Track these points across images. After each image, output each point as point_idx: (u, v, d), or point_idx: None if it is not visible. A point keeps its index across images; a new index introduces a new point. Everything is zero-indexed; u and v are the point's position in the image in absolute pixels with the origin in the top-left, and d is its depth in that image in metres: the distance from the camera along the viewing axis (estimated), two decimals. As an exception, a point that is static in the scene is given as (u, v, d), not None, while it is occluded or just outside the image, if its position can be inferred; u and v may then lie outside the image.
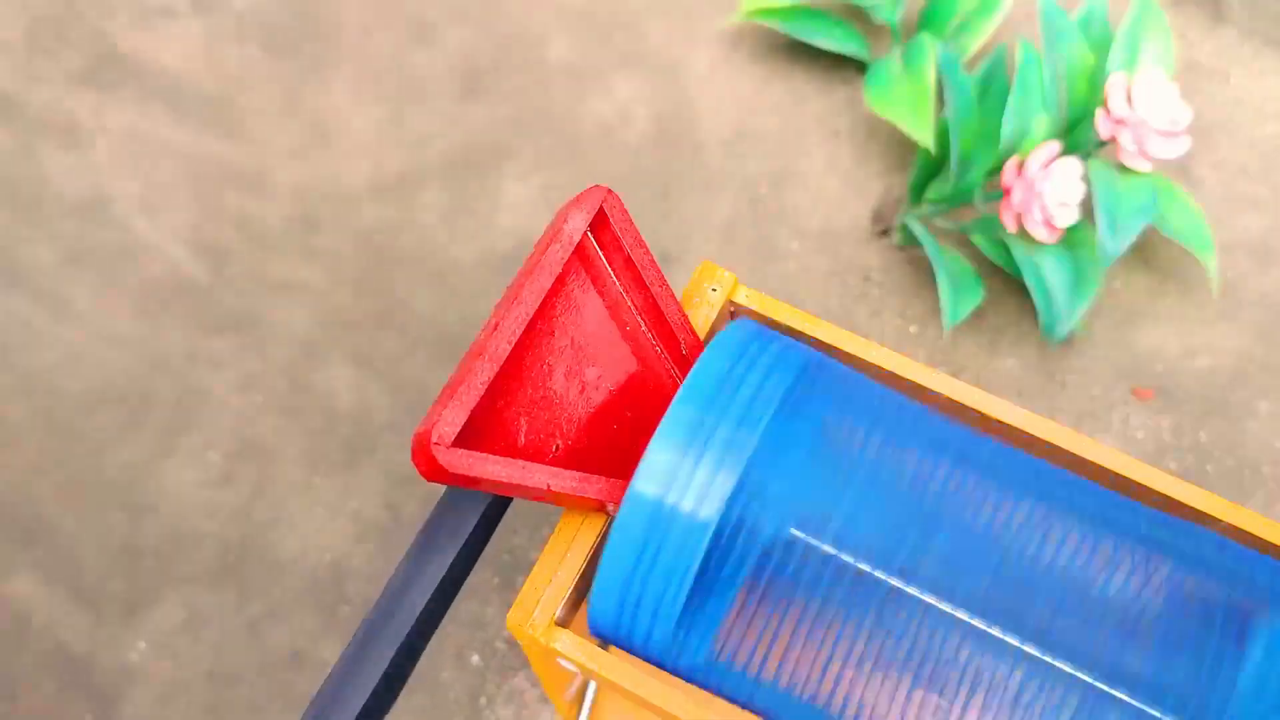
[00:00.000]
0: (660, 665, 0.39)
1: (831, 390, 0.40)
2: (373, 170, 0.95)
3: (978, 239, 0.88)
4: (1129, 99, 0.83)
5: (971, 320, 0.89)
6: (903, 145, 0.96)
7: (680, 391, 0.38)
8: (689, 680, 0.40)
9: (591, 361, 0.43)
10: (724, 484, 0.36)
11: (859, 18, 1.00)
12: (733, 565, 0.37)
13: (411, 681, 0.81)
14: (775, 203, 0.94)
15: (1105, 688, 0.36)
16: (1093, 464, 0.42)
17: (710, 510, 0.36)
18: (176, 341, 0.89)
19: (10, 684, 0.78)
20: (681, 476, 0.36)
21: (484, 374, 0.39)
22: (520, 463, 0.40)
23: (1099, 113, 0.84)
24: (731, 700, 0.39)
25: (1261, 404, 0.86)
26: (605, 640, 0.40)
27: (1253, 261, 0.91)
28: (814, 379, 0.39)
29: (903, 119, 0.87)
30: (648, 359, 0.44)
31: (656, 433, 0.37)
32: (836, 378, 0.40)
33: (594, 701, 0.62)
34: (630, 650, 0.39)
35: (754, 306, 0.46)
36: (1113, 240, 0.81)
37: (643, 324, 0.44)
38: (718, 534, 0.36)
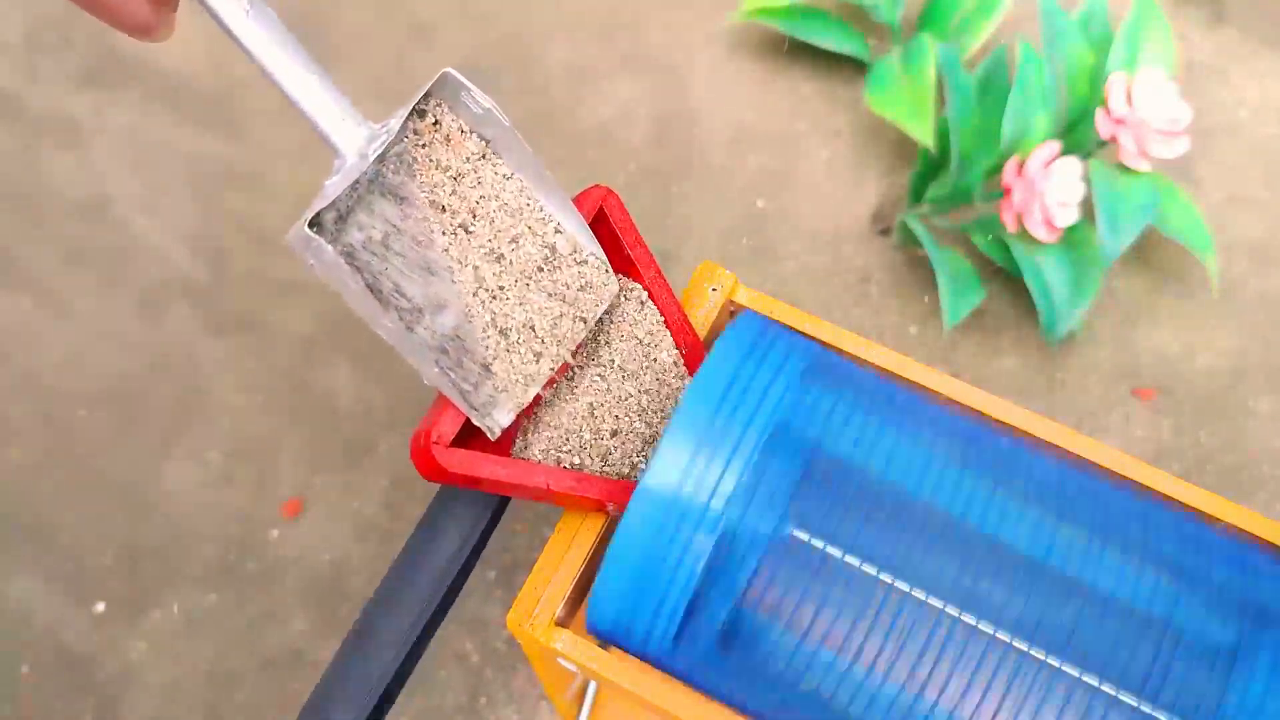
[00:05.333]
0: (660, 666, 0.39)
1: (838, 387, 0.40)
2: (373, 170, 0.95)
3: (978, 239, 0.88)
4: (1129, 99, 0.83)
5: (971, 320, 0.88)
6: (903, 145, 0.96)
7: (689, 389, 0.38)
8: (688, 682, 0.39)
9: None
10: (730, 484, 0.36)
11: (859, 18, 1.00)
12: (736, 565, 0.37)
13: (411, 681, 0.80)
14: (775, 202, 0.94)
15: (1106, 688, 0.36)
16: (1093, 464, 0.42)
17: (716, 511, 0.36)
18: (176, 342, 0.89)
19: (10, 684, 0.78)
20: (689, 476, 0.36)
21: (484, 374, 0.39)
22: (520, 462, 0.40)
23: (1099, 112, 0.84)
24: (731, 703, 0.39)
25: (1261, 404, 0.86)
26: (604, 640, 0.40)
27: (1253, 262, 0.91)
28: (820, 376, 0.39)
29: (903, 119, 0.87)
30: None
31: (666, 431, 0.37)
32: (843, 375, 0.40)
33: (594, 701, 0.62)
34: (629, 650, 0.39)
35: (754, 306, 0.46)
36: (1113, 240, 0.81)
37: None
38: (722, 533, 0.36)
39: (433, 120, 0.39)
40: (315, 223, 0.37)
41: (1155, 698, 0.35)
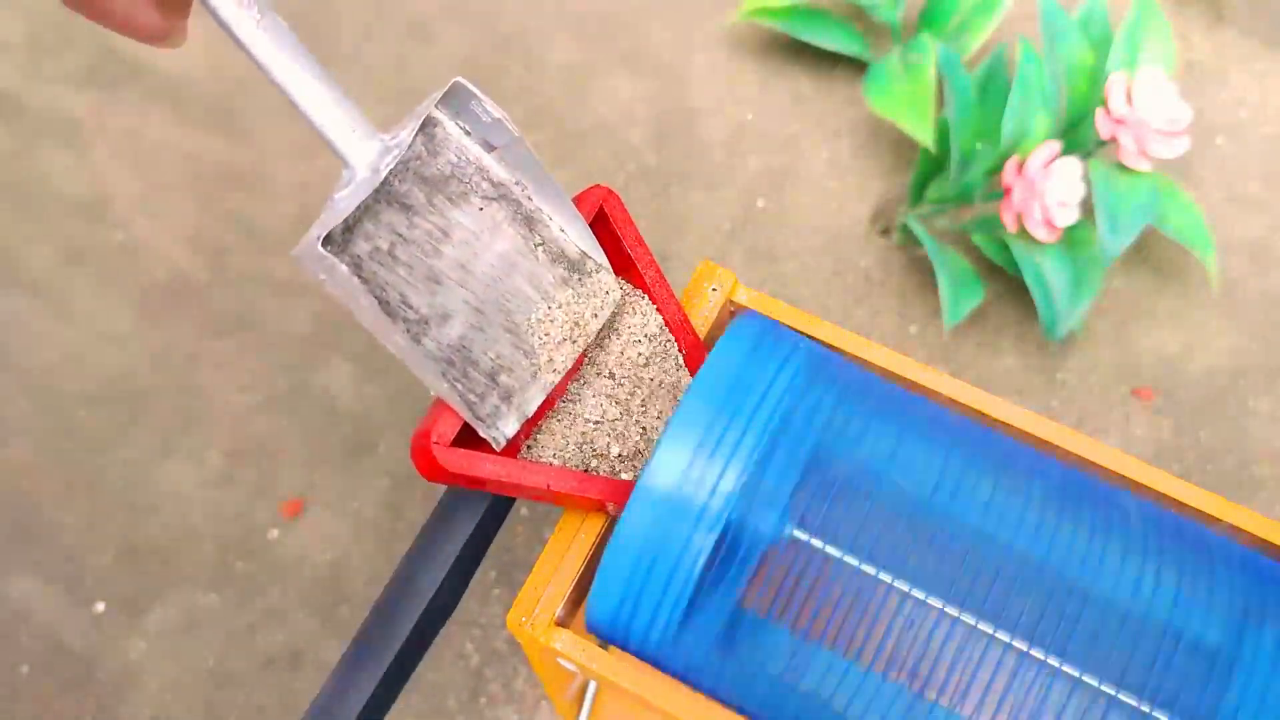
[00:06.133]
0: (658, 665, 0.39)
1: (838, 388, 0.40)
2: (373, 170, 0.95)
3: (978, 239, 0.88)
4: (1129, 99, 0.83)
5: (971, 320, 0.88)
6: (903, 145, 0.96)
7: (690, 388, 0.38)
8: (686, 681, 0.39)
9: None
10: (730, 484, 0.36)
11: (859, 17, 1.00)
12: (736, 565, 0.37)
13: (411, 681, 0.80)
14: (775, 202, 0.94)
15: (1105, 688, 0.36)
16: (1093, 464, 0.42)
17: (716, 510, 0.36)
18: (176, 341, 0.89)
19: (10, 684, 0.78)
20: (689, 475, 0.36)
21: (484, 374, 0.39)
22: (520, 462, 0.40)
23: (1099, 112, 0.84)
24: (729, 704, 0.39)
25: (1261, 404, 0.86)
26: (603, 639, 0.40)
27: (1252, 262, 0.91)
28: (821, 376, 0.39)
29: (903, 119, 0.87)
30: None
31: (665, 431, 0.37)
32: (844, 375, 0.40)
33: (594, 701, 0.62)
34: (628, 649, 0.39)
35: (754, 306, 0.46)
36: (1113, 240, 0.81)
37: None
38: (722, 533, 0.36)
39: (441, 129, 0.39)
40: (325, 237, 0.36)
41: (1155, 698, 0.35)
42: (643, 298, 0.43)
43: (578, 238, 0.41)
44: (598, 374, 0.42)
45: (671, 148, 0.96)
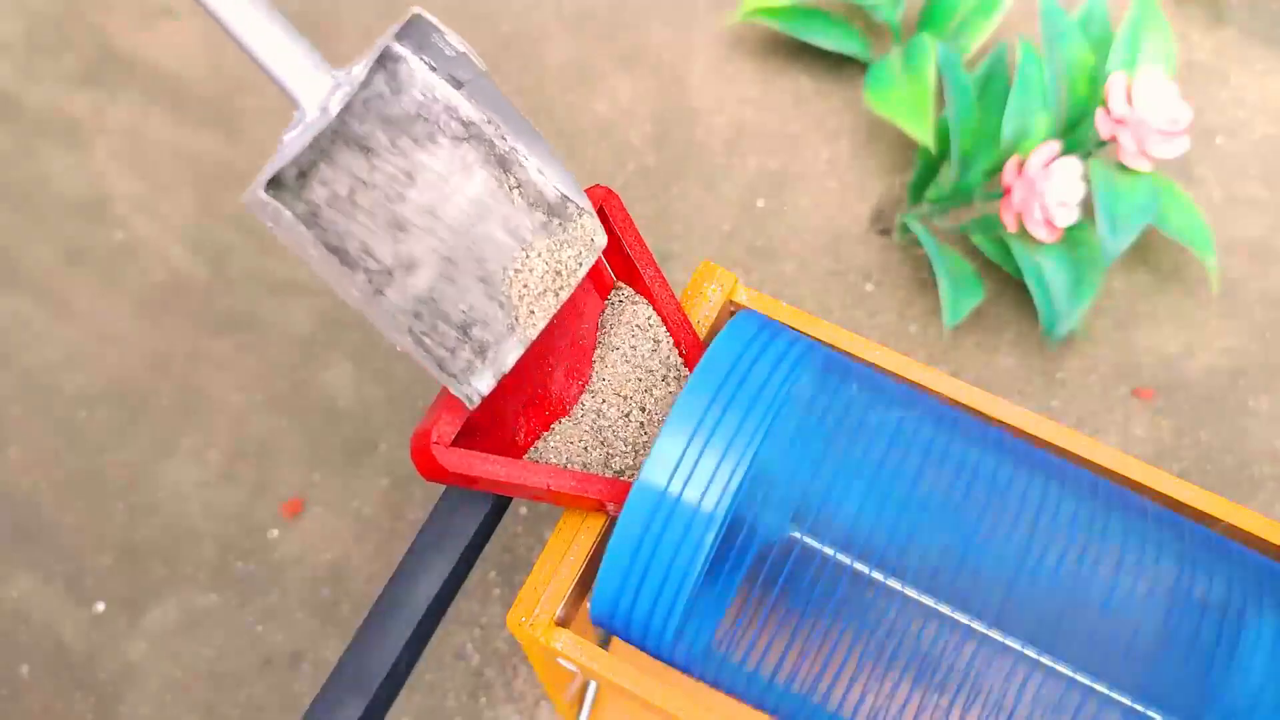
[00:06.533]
0: (659, 655, 0.39)
1: (839, 385, 0.40)
2: (373, 170, 0.95)
3: (978, 238, 0.88)
4: (1129, 98, 0.83)
5: (971, 320, 0.88)
6: (903, 145, 0.96)
7: (690, 381, 0.38)
8: (686, 671, 0.40)
9: (592, 361, 0.43)
10: (731, 477, 0.36)
11: (859, 17, 1.00)
12: (736, 558, 0.37)
13: (411, 681, 0.80)
14: (775, 202, 0.94)
15: (1103, 688, 0.36)
16: (1093, 464, 0.42)
17: (716, 503, 0.36)
18: (176, 341, 0.89)
19: (10, 684, 0.78)
20: (690, 467, 0.36)
21: (484, 374, 0.39)
22: (520, 462, 0.40)
23: (1099, 112, 0.84)
24: (729, 692, 0.39)
25: (1261, 404, 0.86)
26: (605, 628, 0.40)
27: (1253, 261, 0.91)
28: (822, 373, 0.39)
29: (903, 119, 0.87)
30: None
31: (666, 422, 0.37)
32: (844, 373, 0.40)
33: (594, 701, 0.62)
34: (629, 639, 0.39)
35: (754, 306, 0.46)
36: (1113, 240, 0.81)
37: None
38: (722, 526, 0.36)
39: (405, 66, 0.36)
40: (275, 182, 0.35)
41: (1156, 699, 0.35)
42: (646, 305, 0.43)
43: (557, 180, 0.38)
44: (608, 386, 0.42)
45: (671, 148, 0.96)
